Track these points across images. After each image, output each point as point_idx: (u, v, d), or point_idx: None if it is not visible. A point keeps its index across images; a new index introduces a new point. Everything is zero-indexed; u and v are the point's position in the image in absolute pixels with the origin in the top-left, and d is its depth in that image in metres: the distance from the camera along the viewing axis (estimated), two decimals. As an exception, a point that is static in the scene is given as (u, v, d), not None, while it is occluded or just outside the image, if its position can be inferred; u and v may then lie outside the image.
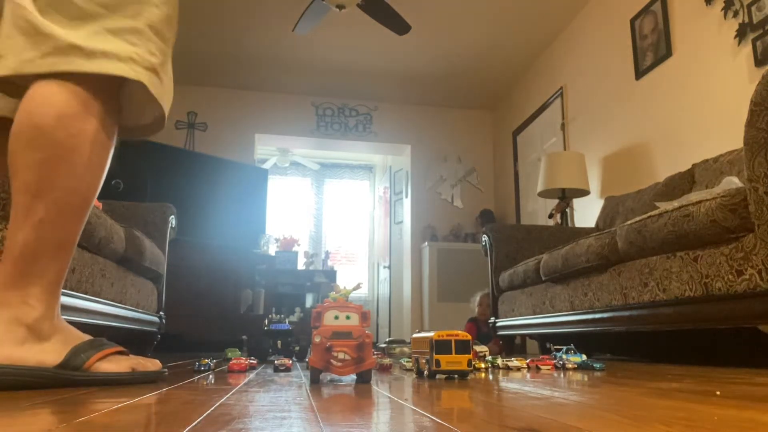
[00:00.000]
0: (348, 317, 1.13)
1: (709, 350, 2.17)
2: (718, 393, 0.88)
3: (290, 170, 7.22)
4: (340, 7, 3.43)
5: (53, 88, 0.95)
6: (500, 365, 1.67)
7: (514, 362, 1.63)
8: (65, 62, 0.94)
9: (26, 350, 0.92)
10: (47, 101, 0.94)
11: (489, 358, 1.75)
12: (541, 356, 1.89)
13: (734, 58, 2.80)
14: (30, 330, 0.93)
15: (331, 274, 6.24)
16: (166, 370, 1.15)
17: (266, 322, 3.11)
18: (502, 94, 5.74)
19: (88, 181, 0.98)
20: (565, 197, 3.91)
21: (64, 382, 0.94)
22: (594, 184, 3.97)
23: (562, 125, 4.51)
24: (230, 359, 1.65)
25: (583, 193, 3.86)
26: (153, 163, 4.27)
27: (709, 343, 2.14)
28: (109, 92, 1.00)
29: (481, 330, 4.04)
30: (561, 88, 4.56)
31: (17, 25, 0.95)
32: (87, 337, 1.03)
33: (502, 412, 0.71)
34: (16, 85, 1.01)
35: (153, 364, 1.11)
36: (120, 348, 1.07)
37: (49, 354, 0.94)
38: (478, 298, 4.23)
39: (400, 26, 3.87)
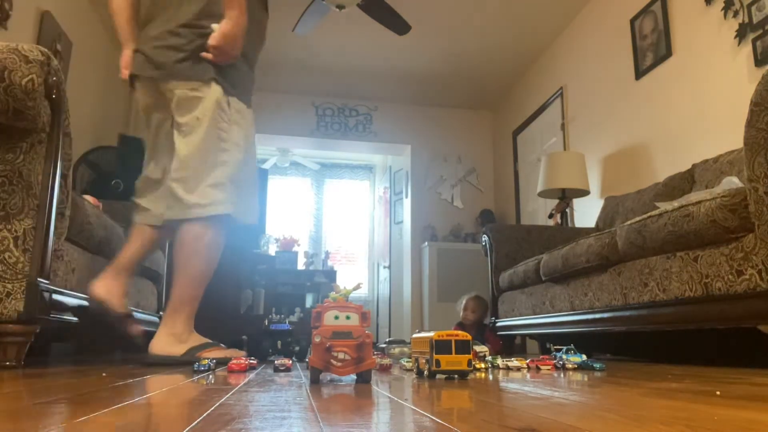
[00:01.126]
0: (348, 317, 1.13)
1: (709, 350, 2.17)
2: (718, 393, 0.88)
3: (290, 170, 7.22)
4: (340, 7, 3.43)
5: (197, 227, 1.84)
6: (500, 365, 1.67)
7: (514, 362, 1.63)
8: (190, 213, 1.82)
9: (171, 347, 1.81)
10: (197, 235, 1.84)
11: (489, 357, 1.75)
12: (541, 356, 1.89)
13: (734, 58, 2.80)
14: (175, 337, 1.83)
15: (331, 274, 6.24)
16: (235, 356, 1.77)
17: (266, 322, 3.11)
18: (502, 94, 5.74)
19: (210, 269, 1.89)
20: (565, 197, 3.91)
21: (183, 363, 1.76)
22: (594, 184, 3.97)
23: (562, 125, 4.51)
24: (230, 359, 1.65)
25: (583, 193, 3.86)
26: (153, 163, 4.26)
27: (709, 343, 2.14)
28: (219, 220, 1.86)
29: None
30: (561, 88, 4.56)
31: (171, 194, 1.84)
32: (205, 341, 1.89)
33: (502, 412, 0.71)
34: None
35: (236, 353, 1.90)
36: (220, 345, 1.93)
37: (180, 349, 1.81)
38: (463, 302, 3.95)
39: (400, 26, 3.87)
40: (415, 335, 1.38)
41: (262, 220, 5.13)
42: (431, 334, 1.21)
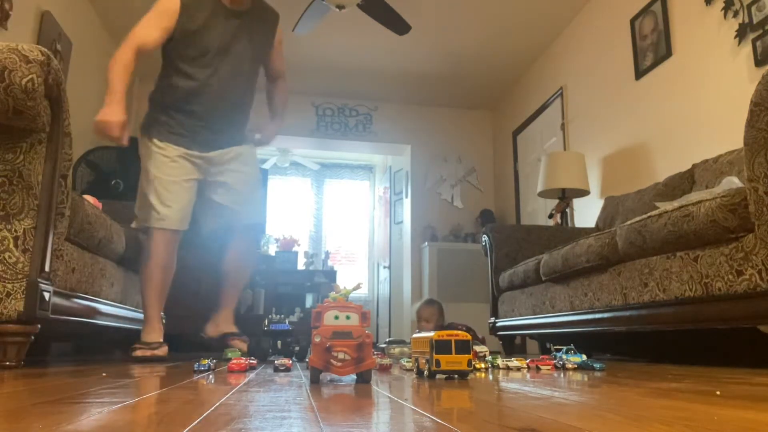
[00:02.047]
0: (348, 317, 1.13)
1: (709, 350, 2.17)
2: (718, 393, 0.88)
3: (290, 170, 7.22)
4: (340, 7, 3.43)
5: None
6: (500, 365, 1.67)
7: (514, 362, 1.63)
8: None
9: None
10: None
11: (489, 358, 1.75)
12: (541, 356, 1.89)
13: (734, 58, 2.80)
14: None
15: (331, 274, 6.24)
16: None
17: (266, 322, 3.11)
18: (502, 94, 5.74)
19: (148, 276, 2.28)
20: (565, 197, 3.91)
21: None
22: (594, 184, 3.97)
23: (562, 125, 4.51)
24: (230, 359, 1.65)
25: (583, 193, 3.86)
26: (153, 163, 4.26)
27: (709, 343, 2.14)
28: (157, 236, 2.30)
29: None
30: (561, 88, 4.56)
31: None
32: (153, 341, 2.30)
33: (502, 412, 0.71)
34: None
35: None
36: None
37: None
38: (416, 309, 3.30)
39: (400, 26, 3.87)
40: (415, 335, 1.38)
41: (262, 220, 5.13)
42: (431, 334, 1.21)
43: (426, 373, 1.25)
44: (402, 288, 6.03)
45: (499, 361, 1.69)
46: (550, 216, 4.02)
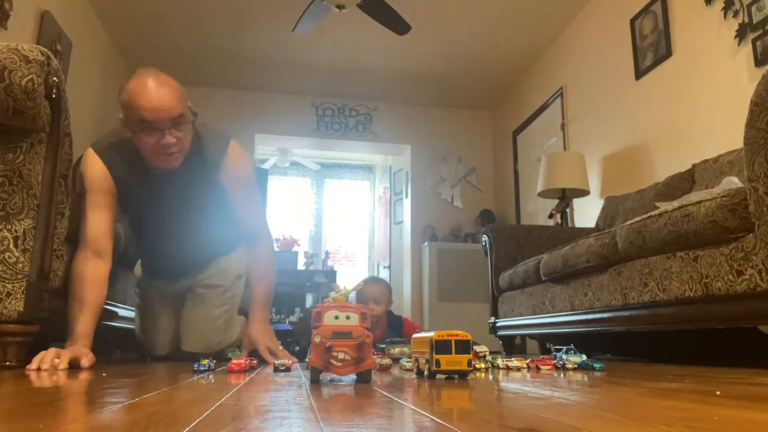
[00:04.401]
0: (348, 317, 1.13)
1: (709, 350, 2.17)
2: (718, 393, 0.88)
3: (290, 170, 7.22)
4: (340, 7, 3.43)
5: None
6: (500, 365, 1.67)
7: (514, 362, 1.63)
8: None
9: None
10: None
11: (489, 358, 1.75)
12: (541, 356, 1.89)
13: (734, 58, 2.80)
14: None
15: (331, 274, 6.24)
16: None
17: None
18: (502, 94, 5.74)
19: None
20: (565, 197, 3.91)
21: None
22: (594, 184, 3.97)
23: (562, 125, 4.51)
24: (230, 359, 1.65)
25: (583, 193, 3.86)
26: (153, 163, 4.26)
27: (709, 343, 2.14)
28: None
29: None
30: (561, 88, 4.56)
31: None
32: None
33: (502, 412, 0.71)
34: None
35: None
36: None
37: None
38: (360, 287, 2.29)
39: (400, 26, 3.87)
40: (415, 335, 1.38)
41: (262, 220, 5.13)
42: (431, 334, 1.21)
43: (426, 373, 1.25)
44: (402, 288, 6.03)
45: (499, 361, 1.68)
46: (550, 216, 4.02)
